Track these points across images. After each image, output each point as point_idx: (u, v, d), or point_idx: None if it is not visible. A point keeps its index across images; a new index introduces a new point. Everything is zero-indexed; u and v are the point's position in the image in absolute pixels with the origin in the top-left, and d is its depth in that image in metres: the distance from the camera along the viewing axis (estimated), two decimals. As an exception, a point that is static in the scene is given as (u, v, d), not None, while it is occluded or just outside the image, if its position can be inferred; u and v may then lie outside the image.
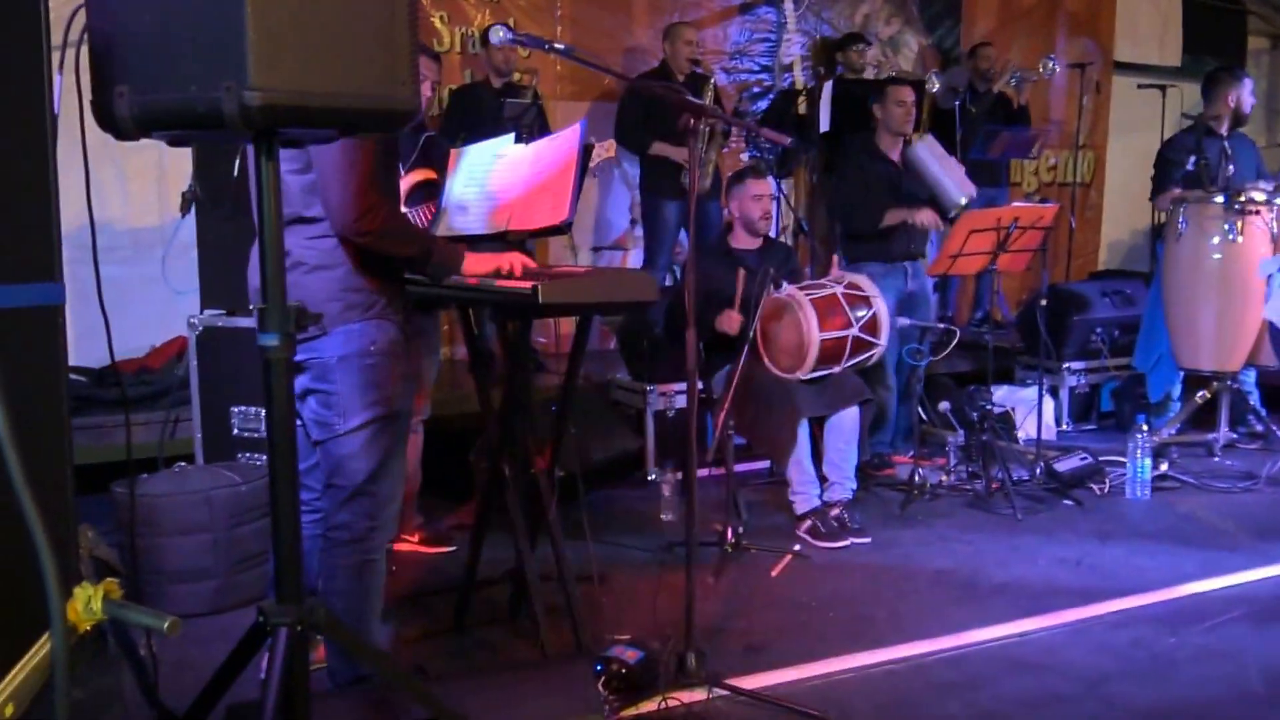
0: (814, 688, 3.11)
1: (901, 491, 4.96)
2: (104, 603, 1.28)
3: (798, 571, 4.07)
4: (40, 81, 1.62)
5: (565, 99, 6.73)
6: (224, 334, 4.21)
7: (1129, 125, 8.57)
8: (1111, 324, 6.27)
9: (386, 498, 2.70)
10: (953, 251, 4.75)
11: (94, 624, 1.27)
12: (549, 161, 3.27)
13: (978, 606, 3.70)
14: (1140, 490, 4.95)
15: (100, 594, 1.28)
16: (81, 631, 1.27)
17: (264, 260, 1.82)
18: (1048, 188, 8.48)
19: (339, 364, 2.59)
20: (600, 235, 6.95)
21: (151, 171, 5.63)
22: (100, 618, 1.27)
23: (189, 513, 3.59)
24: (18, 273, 1.40)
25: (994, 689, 3.09)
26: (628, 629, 3.38)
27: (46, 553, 0.99)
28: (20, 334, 1.47)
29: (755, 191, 4.63)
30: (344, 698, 2.30)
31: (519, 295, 2.74)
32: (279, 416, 1.83)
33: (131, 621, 1.32)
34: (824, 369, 4.36)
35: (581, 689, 2.38)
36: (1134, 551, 4.26)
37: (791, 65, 7.38)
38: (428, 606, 3.69)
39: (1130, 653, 3.34)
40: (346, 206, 2.47)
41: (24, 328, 1.44)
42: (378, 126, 1.82)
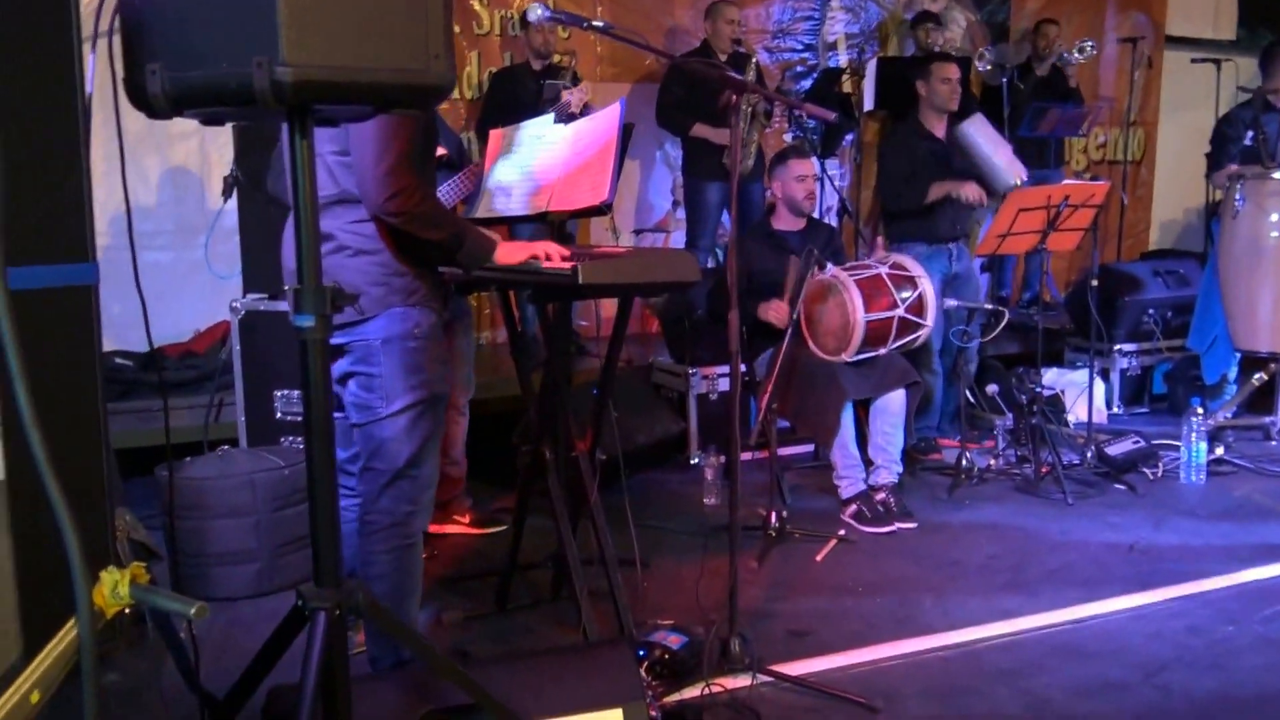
0: (860, 674, 3.06)
1: (948, 476, 4.88)
2: (131, 587, 1.26)
3: (843, 556, 4.01)
4: (70, 61, 1.59)
5: (605, 80, 6.68)
6: (266, 318, 4.22)
7: (1182, 101, 8.37)
8: (1164, 305, 6.14)
9: (426, 481, 2.68)
10: (1000, 231, 4.65)
11: (125, 609, 1.26)
12: (589, 142, 3.23)
13: (1028, 593, 3.63)
14: (1195, 474, 4.84)
15: (127, 578, 1.26)
16: (109, 616, 1.26)
17: (299, 240, 1.80)
18: (1097, 166, 8.31)
19: (383, 347, 2.57)
20: (642, 217, 6.90)
21: (194, 158, 5.66)
22: (127, 602, 1.25)
23: (232, 496, 3.60)
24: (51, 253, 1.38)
25: (1046, 677, 3.03)
26: (670, 614, 3.36)
27: (71, 536, 0.97)
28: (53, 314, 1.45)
29: (798, 172, 4.56)
30: (384, 681, 2.28)
31: (559, 276, 2.70)
32: (315, 398, 1.80)
33: (158, 606, 1.31)
34: (869, 351, 4.29)
35: (625, 674, 2.35)
36: (1189, 537, 4.17)
37: (836, 44, 7.28)
38: (469, 590, 3.68)
39: (1187, 640, 3.26)
40: (378, 185, 2.45)
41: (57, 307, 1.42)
42: (413, 102, 1.78)
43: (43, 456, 0.96)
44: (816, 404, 4.30)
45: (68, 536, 0.98)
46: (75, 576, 0.97)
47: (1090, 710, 2.84)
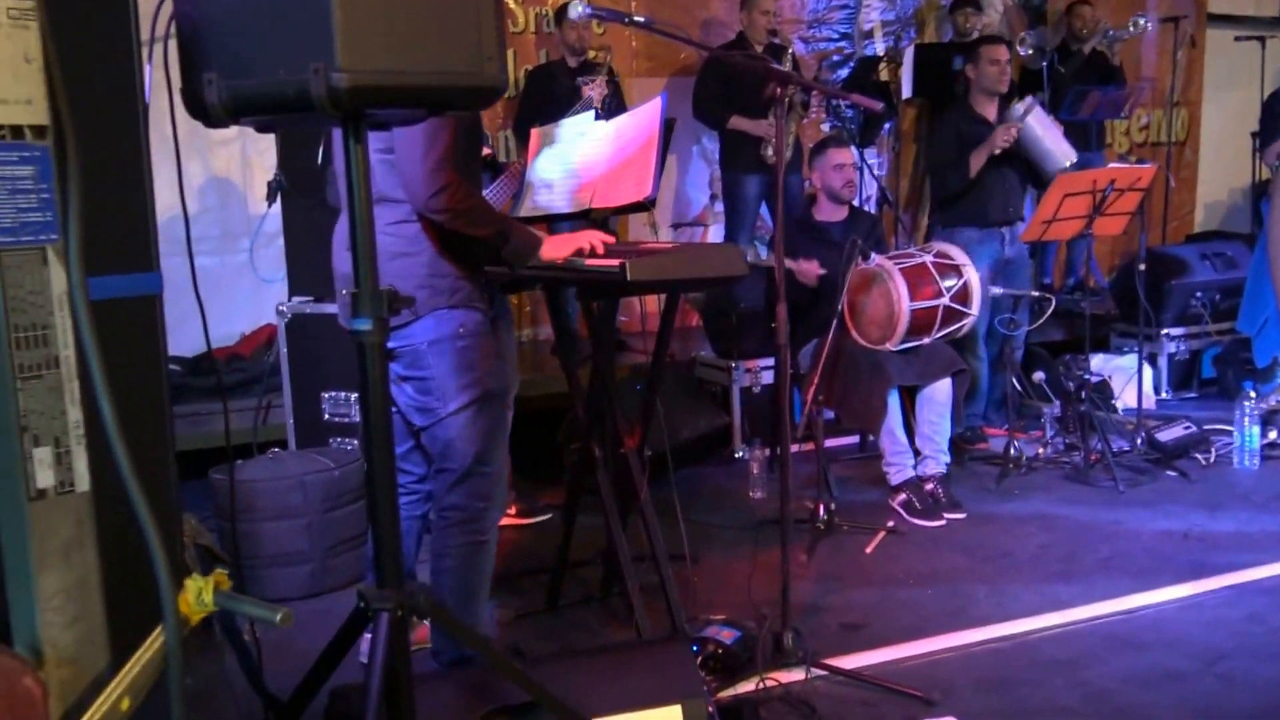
0: (914, 667, 3.05)
1: (996, 465, 4.84)
2: (215, 594, 1.28)
3: (893, 548, 3.99)
4: (131, 71, 1.61)
5: (641, 75, 6.66)
6: (312, 320, 4.25)
7: (1225, 80, 8.23)
8: (1212, 287, 6.05)
9: (497, 476, 2.72)
10: (1046, 217, 4.60)
11: (209, 615, 1.28)
12: (630, 138, 3.22)
13: (1082, 583, 3.59)
14: (1249, 459, 4.78)
15: (211, 585, 1.28)
16: (194, 623, 1.27)
17: (355, 244, 1.81)
18: (1140, 148, 8.19)
19: (430, 349, 2.60)
20: (680, 211, 6.89)
21: (237, 163, 5.72)
22: (211, 609, 1.27)
23: (284, 497, 3.64)
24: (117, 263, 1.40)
25: (1103, 667, 3.00)
26: (722, 609, 3.36)
27: (157, 547, 0.99)
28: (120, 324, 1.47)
29: (837, 160, 4.54)
30: (446, 680, 2.29)
31: (606, 274, 2.70)
32: (374, 401, 1.81)
33: (244, 613, 1.32)
34: (914, 340, 4.26)
35: (681, 671, 2.35)
36: (1245, 523, 4.11)
37: (872, 32, 7.22)
38: (520, 587, 3.70)
39: (1247, 628, 3.22)
40: (423, 183, 2.47)
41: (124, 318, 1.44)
42: (466, 104, 1.80)
43: (128, 469, 0.98)
44: (862, 391, 4.28)
45: (153, 547, 0.99)
46: (162, 585, 0.99)
47: (1149, 701, 2.81)
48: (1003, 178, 5.00)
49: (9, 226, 1.17)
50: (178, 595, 1.19)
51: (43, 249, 1.20)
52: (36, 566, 1.11)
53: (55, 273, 1.18)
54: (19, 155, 1.17)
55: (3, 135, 1.15)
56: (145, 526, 0.99)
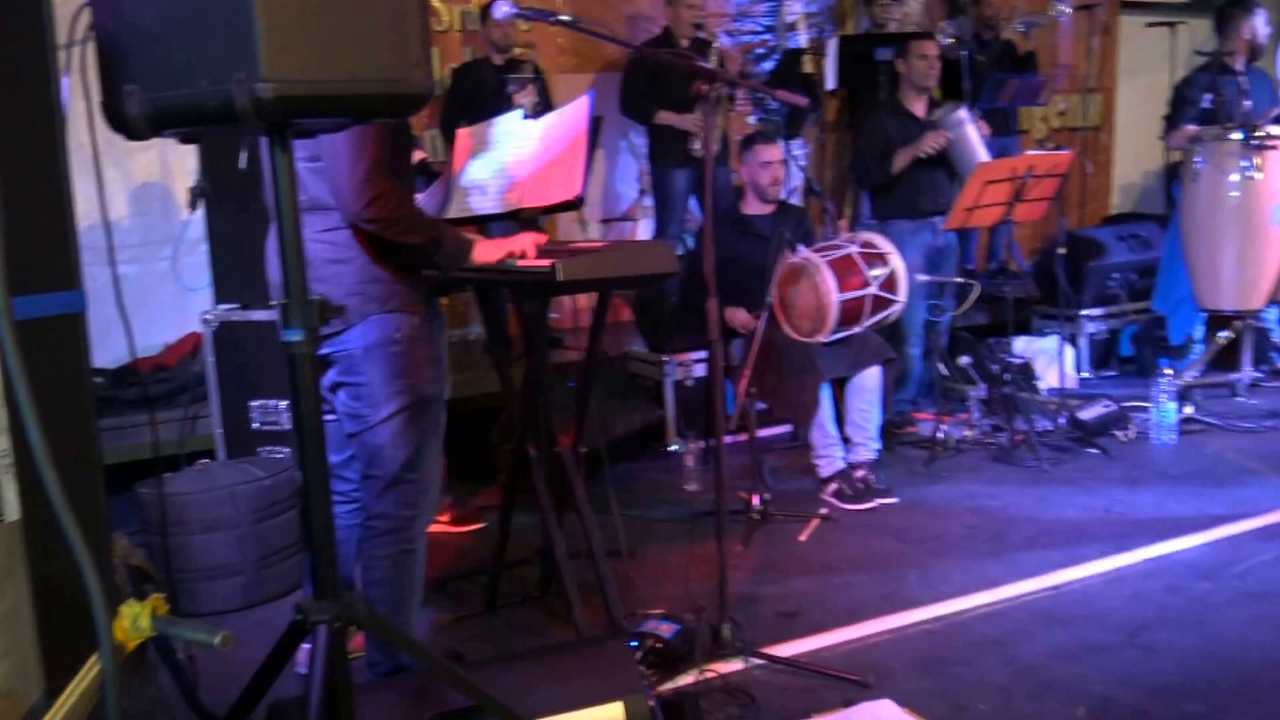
0: (850, 651, 3.11)
1: (925, 449, 4.93)
2: (152, 620, 1.26)
3: (826, 535, 4.05)
4: (48, 84, 1.59)
5: (567, 71, 6.65)
6: (239, 328, 4.20)
7: (1138, 65, 8.44)
8: (1129, 268, 6.22)
9: (425, 484, 2.70)
10: (968, 204, 4.70)
11: (146, 640, 1.26)
12: (558, 136, 3.23)
13: (1010, 561, 3.69)
14: (1166, 435, 4.93)
15: (148, 611, 1.26)
16: (130, 649, 1.26)
17: (284, 254, 1.80)
18: (1058, 134, 8.37)
19: (364, 355, 2.58)
20: (609, 207, 6.90)
21: (156, 169, 5.61)
22: (149, 635, 1.26)
23: (214, 509, 3.59)
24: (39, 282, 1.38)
25: (1032, 643, 3.08)
26: (659, 603, 3.39)
27: (91, 573, 0.97)
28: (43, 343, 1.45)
29: (764, 158, 4.59)
30: (386, 689, 2.29)
31: (538, 274, 2.71)
32: (306, 412, 1.81)
33: (183, 638, 1.31)
34: (844, 330, 4.33)
35: (622, 668, 2.37)
36: (1163, 497, 4.25)
37: (795, 24, 7.29)
38: (457, 590, 3.69)
39: (1166, 599, 3.33)
40: (354, 193, 2.45)
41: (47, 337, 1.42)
42: (394, 111, 1.79)
43: (60, 499, 0.97)
44: (793, 385, 4.34)
45: (88, 577, 0.98)
46: (97, 615, 0.98)
47: (1076, 673, 2.90)
48: (933, 170, 5.09)
49: (-71, 252, 1.15)
50: (113, 622, 1.18)
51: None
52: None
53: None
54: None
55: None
56: (80, 557, 0.98)
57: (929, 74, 5.14)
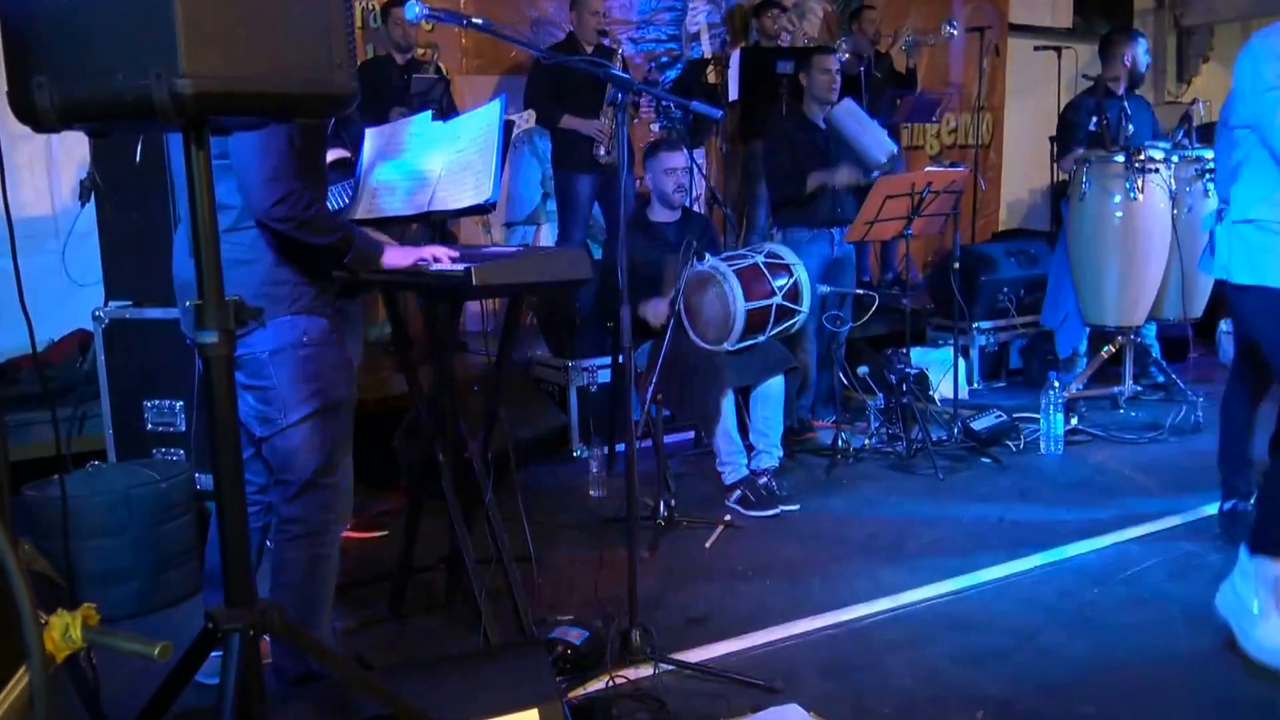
0: (758, 656, 3.14)
1: (825, 457, 5.02)
2: (83, 630, 1.21)
3: (731, 542, 4.09)
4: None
5: (471, 73, 6.61)
6: (132, 326, 4.06)
7: (1026, 87, 8.76)
8: (1018, 283, 6.42)
9: (340, 489, 2.66)
10: (869, 217, 4.80)
11: (77, 652, 1.21)
12: (470, 139, 3.20)
13: (909, 567, 3.77)
14: (1054, 445, 5.09)
15: (79, 621, 1.21)
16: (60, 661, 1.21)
17: (198, 254, 1.75)
18: (950, 150, 8.63)
19: (272, 358, 2.53)
20: (513, 210, 6.87)
21: (40, 160, 5.40)
22: (80, 646, 1.20)
23: (107, 513, 3.47)
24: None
25: (933, 647, 3.16)
26: (568, 609, 3.39)
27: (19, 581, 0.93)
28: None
29: (669, 165, 4.62)
30: (298, 699, 2.24)
31: (452, 278, 2.68)
32: (222, 415, 1.76)
33: (119, 650, 1.26)
34: (749, 339, 4.38)
35: (535, 675, 2.36)
36: (1052, 505, 4.39)
37: (699, 34, 7.37)
38: (361, 597, 3.62)
39: (1058, 604, 3.44)
40: (262, 191, 2.40)
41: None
42: (315, 112, 1.76)
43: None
44: (698, 393, 4.37)
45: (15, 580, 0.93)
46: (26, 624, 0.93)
47: (976, 677, 2.98)
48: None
49: None
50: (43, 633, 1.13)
51: None
52: (-117, 611, 1.03)
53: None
54: None
55: None
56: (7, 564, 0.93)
57: (830, 88, 5.25)
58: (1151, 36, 10.01)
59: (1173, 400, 5.66)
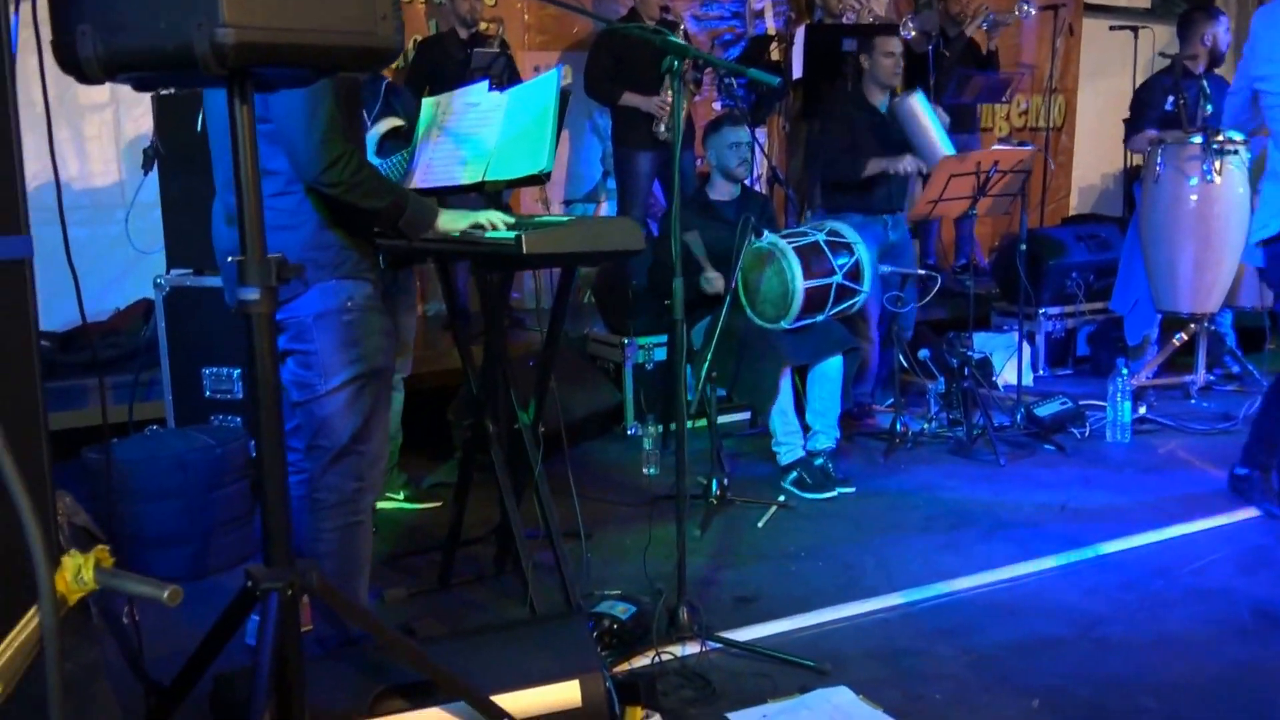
0: (806, 638, 3.09)
1: (883, 440, 4.94)
2: (95, 571, 1.20)
3: (784, 522, 4.04)
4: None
5: (533, 49, 6.59)
6: (193, 294, 4.11)
7: (1100, 68, 8.51)
8: (1087, 268, 6.26)
9: (373, 457, 2.64)
10: (933, 196, 4.70)
11: (83, 595, 1.20)
12: (525, 109, 3.17)
13: (966, 553, 3.69)
14: (1120, 433, 4.96)
15: (91, 562, 1.20)
16: (72, 603, 1.20)
17: (241, 210, 1.73)
18: (1019, 132, 8.43)
19: (315, 322, 2.51)
20: (572, 188, 6.84)
21: (108, 130, 5.47)
22: (92, 588, 1.20)
23: (163, 477, 3.51)
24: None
25: (987, 635, 3.08)
26: (615, 584, 3.36)
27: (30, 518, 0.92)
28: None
29: (733, 139, 4.55)
30: (335, 662, 2.24)
31: (502, 246, 2.65)
32: (263, 375, 1.75)
33: (127, 591, 1.25)
34: (807, 318, 4.31)
35: (578, 647, 2.33)
36: (1117, 494, 4.27)
37: (763, 11, 7.26)
38: (411, 566, 3.64)
39: (1120, 595, 3.34)
40: (313, 155, 2.38)
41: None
42: (359, 65, 1.73)
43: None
44: (754, 371, 4.31)
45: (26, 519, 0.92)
46: (36, 560, 0.92)
47: (1031, 666, 2.90)
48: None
49: None
50: (54, 573, 1.12)
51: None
52: (-104, 544, 1.03)
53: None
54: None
55: None
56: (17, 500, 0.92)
57: (894, 71, 5.11)
58: (1233, 15, 9.69)
59: (1247, 391, 5.50)
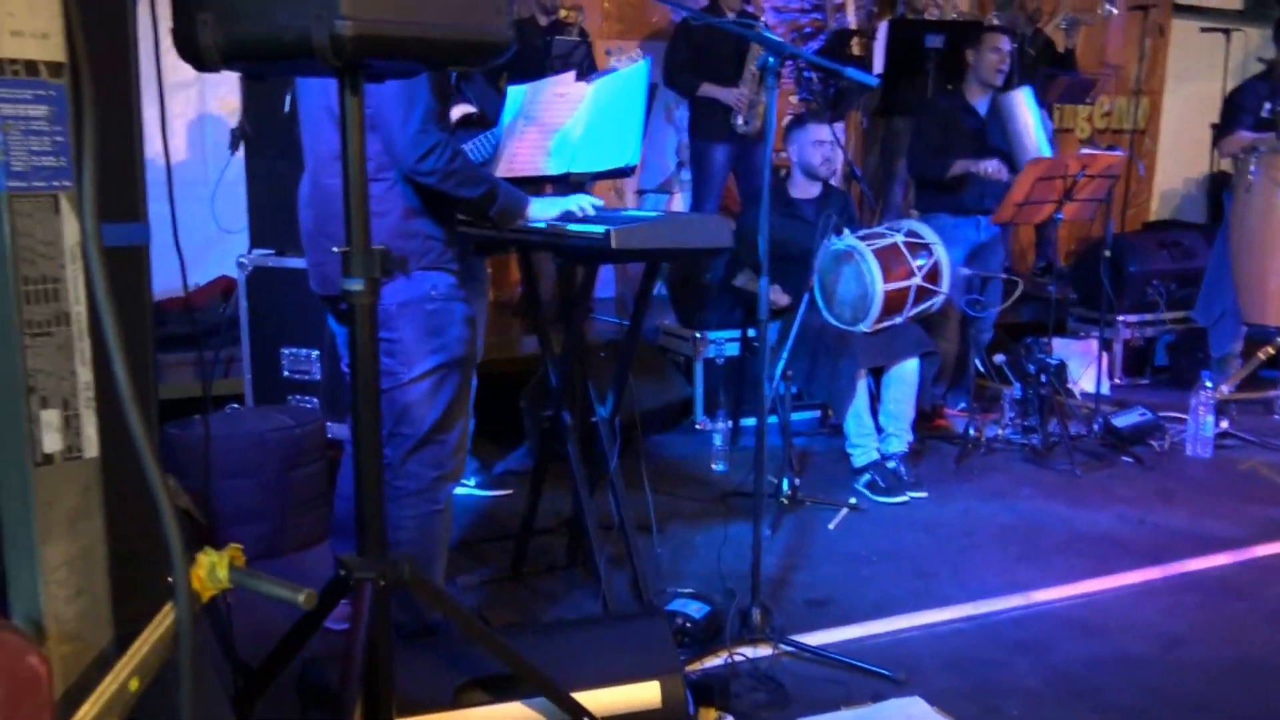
0: (879, 645, 3.06)
1: (956, 445, 4.86)
2: (230, 570, 1.21)
3: (856, 525, 4.00)
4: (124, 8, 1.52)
5: (611, 38, 6.56)
6: (274, 274, 4.15)
7: (1188, 71, 8.31)
8: (1169, 276, 6.12)
9: (454, 446, 2.64)
10: (1018, 199, 4.61)
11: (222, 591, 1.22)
12: (613, 100, 3.16)
13: (1042, 565, 3.63)
14: (1202, 448, 4.85)
15: (225, 561, 1.22)
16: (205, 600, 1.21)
17: (348, 202, 1.74)
18: (1101, 135, 8.26)
19: (400, 310, 2.52)
20: (646, 178, 6.82)
21: (194, 109, 5.54)
22: (226, 586, 1.21)
23: (242, 455, 3.55)
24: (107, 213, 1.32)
25: (1064, 649, 3.03)
26: (684, 580, 3.35)
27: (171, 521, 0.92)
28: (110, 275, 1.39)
29: (816, 136, 4.50)
30: (418, 651, 2.25)
31: (590, 239, 2.64)
32: (363, 364, 1.75)
33: (262, 591, 1.26)
34: (886, 320, 4.25)
35: (658, 647, 2.32)
36: (1199, 511, 4.17)
37: (844, 5, 7.17)
38: (481, 553, 3.65)
39: (1200, 615, 3.27)
40: (411, 144, 2.39)
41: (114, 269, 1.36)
42: (472, 60, 1.72)
43: (142, 434, 0.91)
44: (830, 370, 4.27)
45: (166, 518, 0.93)
46: (175, 560, 0.93)
47: (1109, 683, 2.84)
48: None
49: (21, 171, 1.08)
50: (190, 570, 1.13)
51: (55, 196, 1.11)
52: (40, 536, 1.04)
53: (67, 221, 1.10)
54: (33, 94, 1.09)
55: (16, 71, 1.07)
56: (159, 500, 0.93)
57: (998, 69, 5.03)
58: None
59: (1336, 409, 5.34)
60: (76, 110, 1.12)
